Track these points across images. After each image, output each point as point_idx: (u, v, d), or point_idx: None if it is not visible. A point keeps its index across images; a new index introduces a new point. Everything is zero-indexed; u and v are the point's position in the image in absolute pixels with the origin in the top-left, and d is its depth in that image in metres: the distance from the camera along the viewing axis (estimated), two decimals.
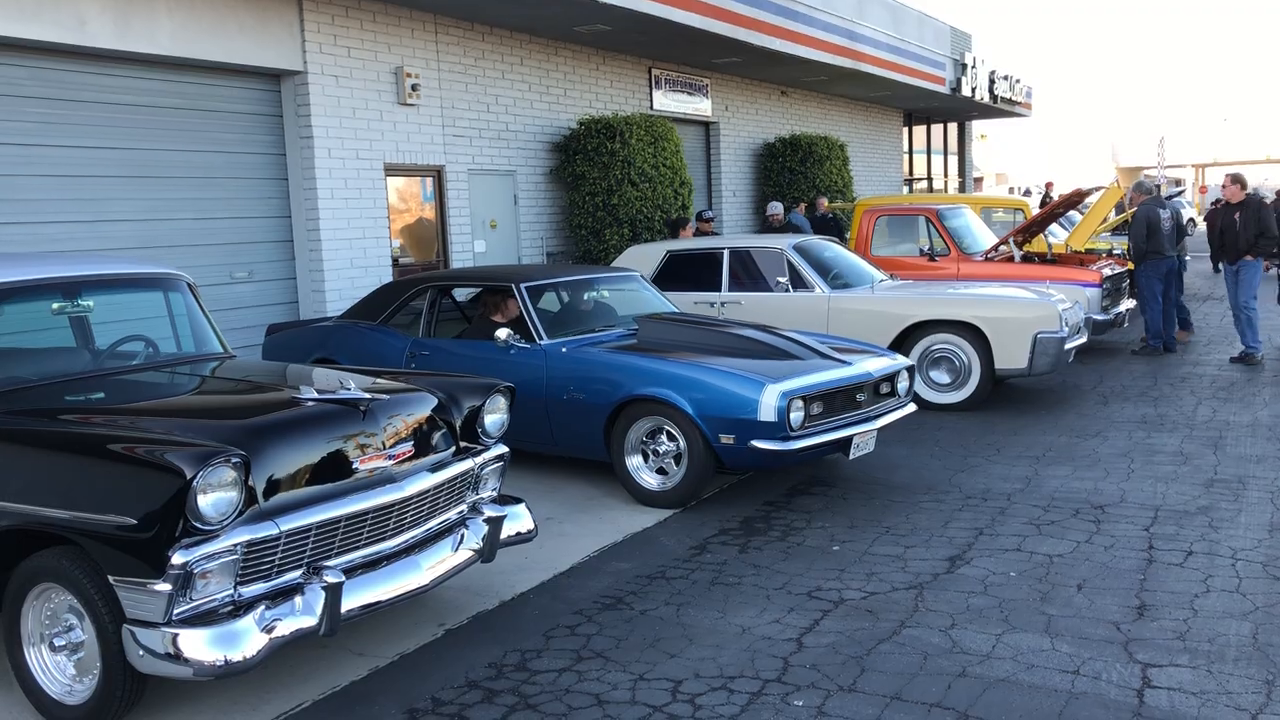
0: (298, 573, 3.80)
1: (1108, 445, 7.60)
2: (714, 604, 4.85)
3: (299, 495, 3.82)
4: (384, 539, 4.12)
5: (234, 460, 3.53)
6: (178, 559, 3.44)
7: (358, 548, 4.03)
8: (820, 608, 4.76)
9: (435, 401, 4.53)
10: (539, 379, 6.82)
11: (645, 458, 6.50)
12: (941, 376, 9.03)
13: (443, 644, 4.50)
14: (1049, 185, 29.16)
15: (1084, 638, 4.32)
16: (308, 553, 3.83)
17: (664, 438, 6.41)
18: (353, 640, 4.49)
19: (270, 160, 10.96)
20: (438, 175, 12.60)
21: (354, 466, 3.99)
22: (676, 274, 10.03)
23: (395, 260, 12.08)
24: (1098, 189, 13.71)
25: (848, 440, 6.34)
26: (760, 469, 6.81)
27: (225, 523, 3.54)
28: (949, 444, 7.82)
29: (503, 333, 6.90)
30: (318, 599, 3.74)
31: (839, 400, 6.42)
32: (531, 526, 4.83)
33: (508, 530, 4.64)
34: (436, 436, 4.46)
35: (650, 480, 6.48)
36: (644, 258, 10.28)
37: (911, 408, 7.11)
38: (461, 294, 8.79)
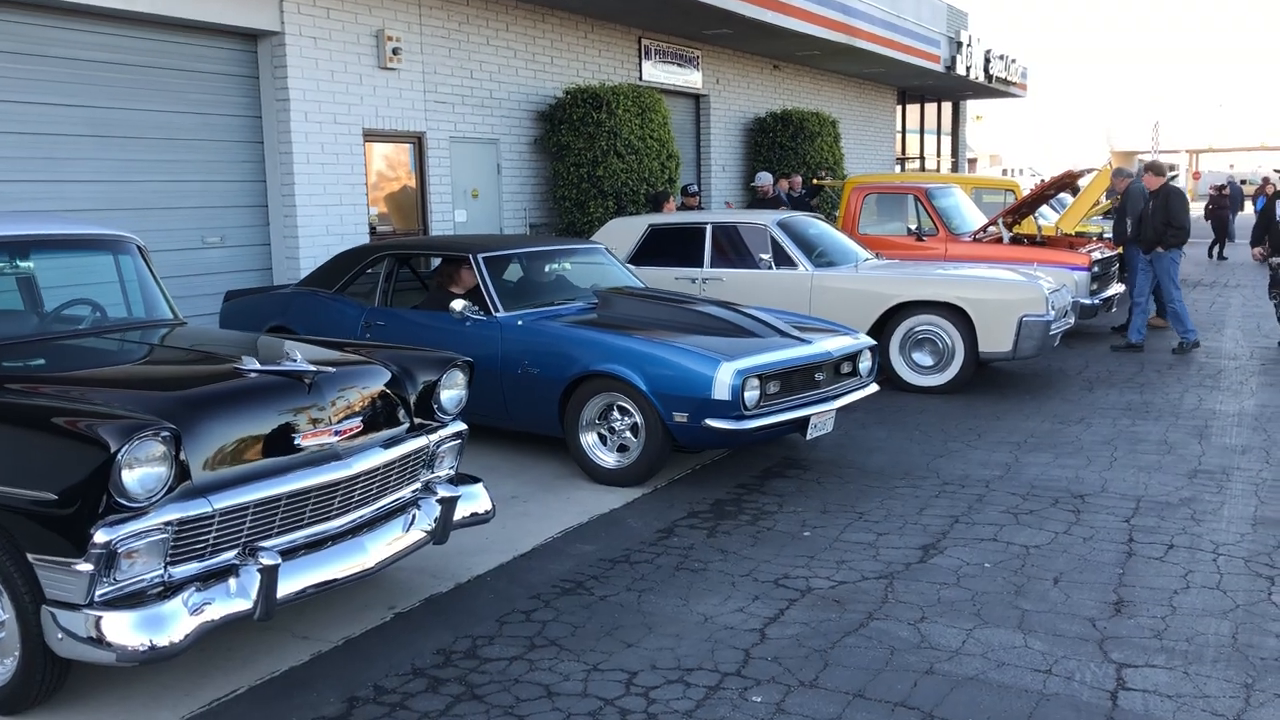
0: (234, 553, 3.60)
1: (1091, 432, 7.43)
2: (677, 590, 4.67)
3: (236, 472, 3.62)
4: (328, 519, 3.93)
5: (163, 434, 3.33)
6: (100, 537, 3.24)
7: (300, 527, 3.83)
8: (786, 596, 4.59)
9: (388, 375, 4.33)
10: (494, 352, 6.66)
11: (601, 436, 6.34)
12: (924, 358, 8.85)
13: (391, 628, 4.31)
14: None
15: (1058, 634, 4.16)
16: (245, 532, 3.63)
17: (619, 415, 6.25)
18: (297, 623, 4.31)
19: (245, 123, 10.69)
20: (418, 142, 12.34)
21: (296, 442, 3.78)
22: (658, 249, 9.82)
23: (373, 228, 11.83)
24: (1089, 171, 13.51)
25: (805, 420, 6.22)
26: (715, 448, 6.65)
27: (153, 499, 3.35)
28: (929, 428, 7.65)
29: (458, 304, 6.72)
30: (253, 581, 3.55)
31: (797, 379, 6.29)
32: (489, 507, 4.64)
33: (462, 511, 4.45)
34: (389, 412, 4.26)
35: (605, 458, 6.34)
36: (625, 231, 10.07)
37: (873, 388, 6.98)
38: (426, 263, 8.60)
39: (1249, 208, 28.71)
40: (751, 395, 5.91)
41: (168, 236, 10.03)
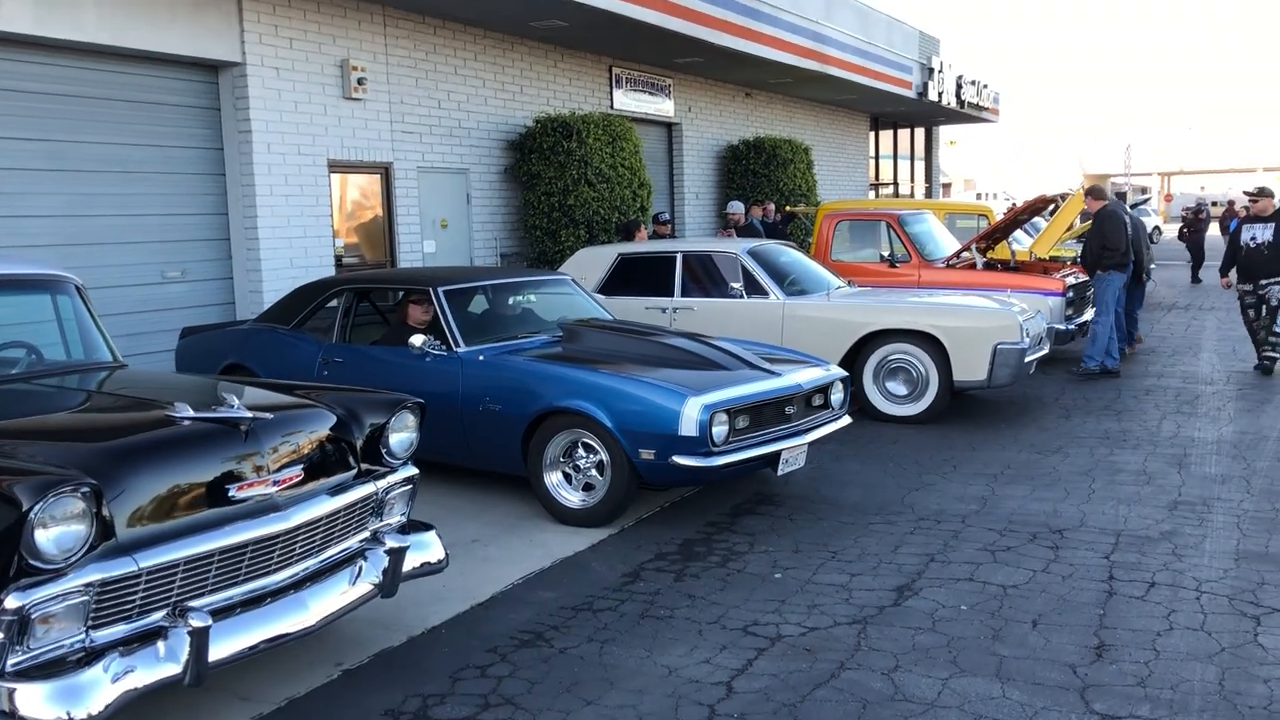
0: (162, 614, 3.38)
1: (1069, 463, 7.28)
2: (641, 640, 4.47)
3: (165, 527, 3.40)
4: (267, 574, 3.71)
5: (82, 489, 3.12)
6: (11, 602, 3.02)
7: (236, 584, 3.62)
8: (755, 645, 4.39)
9: (333, 419, 4.13)
10: (454, 389, 6.45)
11: (567, 475, 6.14)
12: (898, 388, 8.70)
13: (338, 686, 4.09)
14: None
15: (1037, 683, 3.97)
16: (175, 591, 3.41)
17: (584, 452, 6.04)
18: (238, 682, 4.07)
19: (206, 155, 10.49)
20: (385, 172, 12.16)
21: (231, 494, 3.57)
22: (628, 278, 9.66)
23: (339, 260, 11.62)
24: (1062, 195, 13.45)
25: (775, 455, 6.03)
26: (683, 486, 6.46)
27: (72, 560, 3.13)
28: (904, 460, 7.48)
29: (417, 339, 6.51)
30: (182, 644, 3.33)
31: (767, 413, 6.09)
32: (441, 556, 4.43)
33: (412, 561, 4.24)
34: (334, 458, 4.06)
35: (570, 498, 6.12)
36: (595, 261, 9.90)
37: (846, 420, 6.80)
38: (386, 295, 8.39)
39: (1213, 229, 28.70)
40: (720, 431, 5.72)
41: (127, 271, 9.81)
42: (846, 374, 6.89)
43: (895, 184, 28.56)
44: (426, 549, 4.37)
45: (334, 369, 7.04)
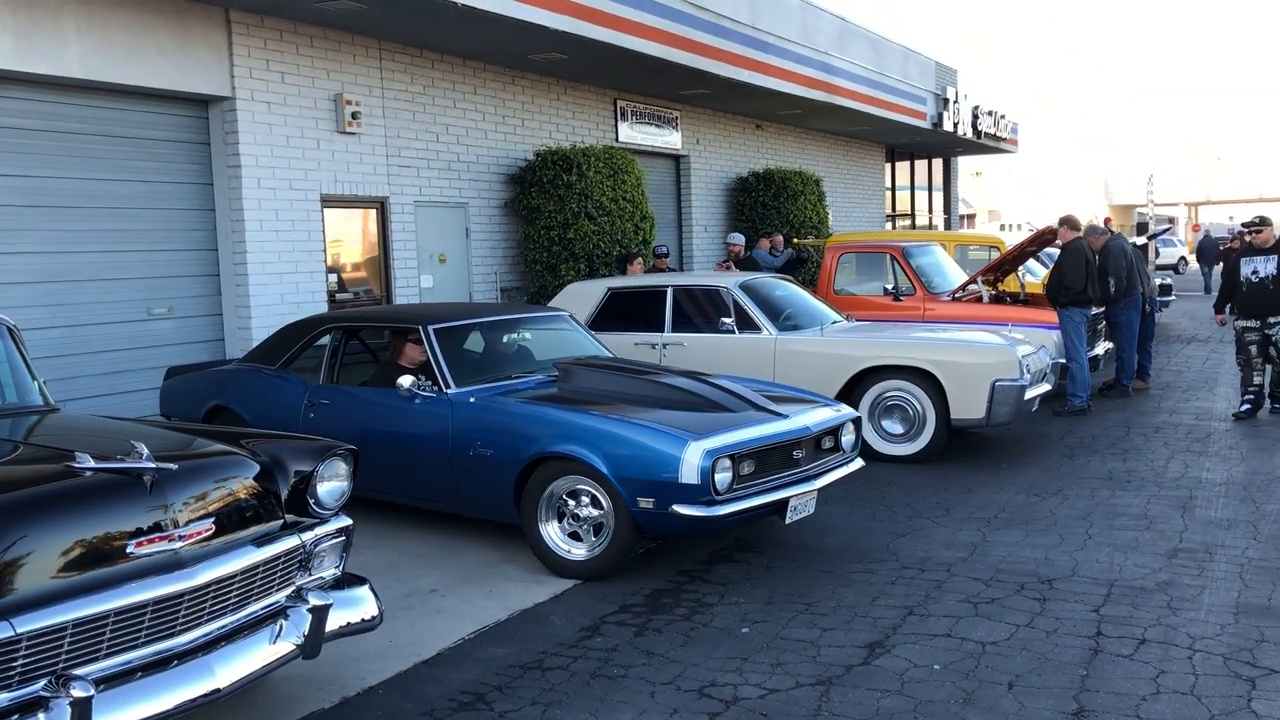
0: (44, 683, 3.14)
1: (1067, 506, 6.96)
2: (588, 703, 4.19)
3: (52, 587, 3.17)
4: (172, 635, 3.47)
5: None
6: None
7: (135, 647, 3.38)
8: (709, 709, 4.10)
9: (255, 468, 3.90)
10: (443, 431, 6.16)
11: (561, 518, 5.77)
12: (894, 426, 8.39)
13: None
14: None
15: None
16: (63, 657, 3.18)
17: (584, 499, 5.67)
18: None
19: (195, 190, 10.38)
20: (381, 207, 12.02)
21: (128, 550, 3.34)
22: (618, 313, 9.44)
23: (333, 296, 11.47)
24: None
25: (783, 503, 5.64)
26: (684, 536, 6.12)
27: None
28: (895, 502, 7.18)
29: (406, 380, 6.23)
30: (64, 717, 3.09)
31: (773, 458, 5.71)
32: (374, 614, 4.16)
33: (338, 620, 3.98)
34: (255, 509, 3.82)
35: (567, 549, 5.74)
36: (585, 295, 9.69)
37: (858, 464, 6.45)
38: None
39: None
40: (723, 478, 5.35)
41: (112, 308, 9.68)
42: (857, 414, 6.55)
43: (913, 215, 28.28)
44: (358, 605, 4.11)
45: (320, 411, 6.79)
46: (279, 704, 4.20)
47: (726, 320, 8.84)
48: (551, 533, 5.79)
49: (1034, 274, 13.81)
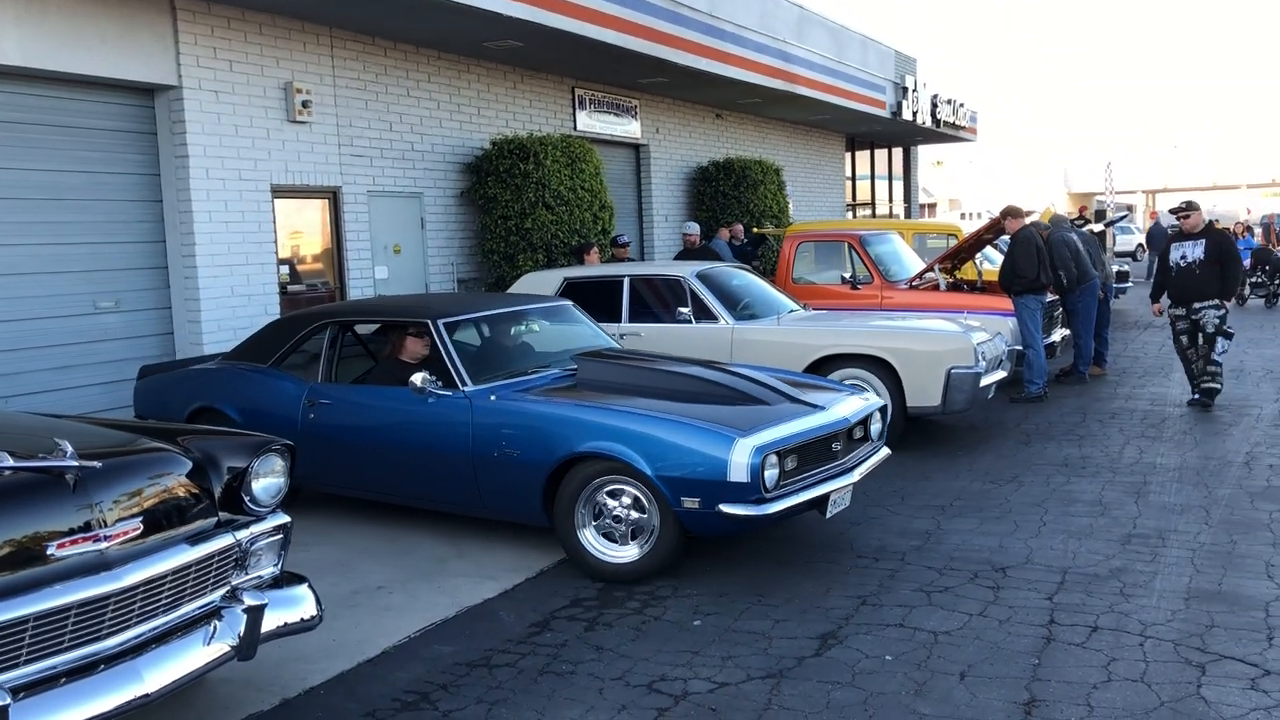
0: None
1: (1022, 493, 6.95)
2: (535, 701, 4.11)
3: None
4: (98, 639, 3.35)
5: None
6: None
7: (59, 652, 3.26)
8: (657, 705, 4.04)
9: (187, 465, 3.78)
10: (463, 432, 5.84)
11: (599, 519, 5.50)
12: None
13: None
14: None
15: None
16: None
17: (624, 500, 5.43)
18: None
19: (142, 180, 10.16)
20: (333, 197, 11.84)
21: (49, 552, 3.22)
22: (575, 303, 9.31)
23: (284, 288, 11.29)
24: (1029, 214, 13.17)
25: (824, 498, 5.44)
26: (730, 536, 5.87)
27: None
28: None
29: (418, 378, 5.86)
30: None
31: (814, 452, 5.51)
32: (313, 613, 4.05)
33: (275, 620, 3.87)
34: (187, 508, 3.71)
35: (608, 552, 5.47)
36: (540, 285, 9.58)
37: (886, 452, 6.27)
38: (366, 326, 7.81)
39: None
40: (771, 475, 5.16)
41: (57, 302, 9.46)
42: (885, 402, 6.44)
43: (873, 204, 28.34)
44: (295, 605, 4.00)
45: (322, 411, 6.45)
46: (216, 706, 4.09)
47: (684, 310, 8.77)
48: (589, 536, 5.52)
49: (991, 261, 13.86)
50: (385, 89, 12.39)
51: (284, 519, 4.04)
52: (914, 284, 11.22)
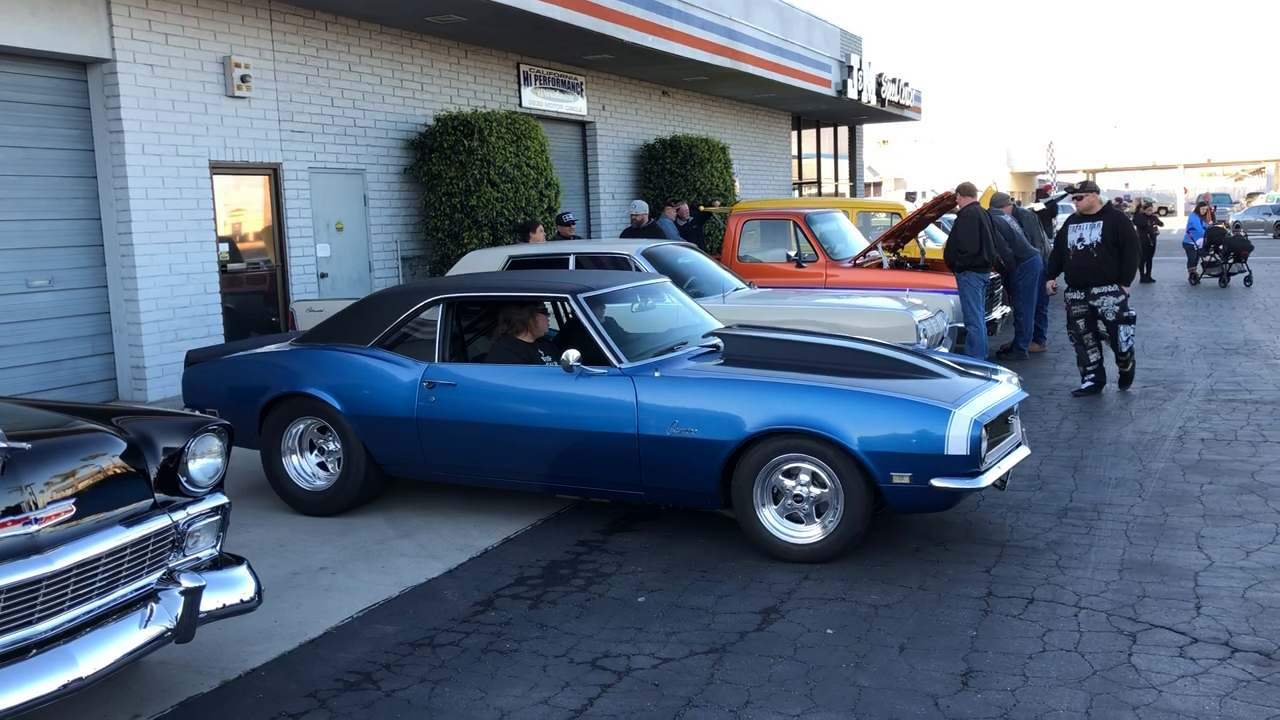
0: None
1: None
2: (479, 679, 4.11)
3: None
4: (29, 624, 3.29)
5: None
6: None
7: None
8: (601, 681, 4.05)
9: (122, 445, 3.71)
10: (626, 411, 5.49)
11: (777, 499, 5.31)
12: None
13: None
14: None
15: (894, 718, 3.68)
16: None
17: (800, 476, 5.23)
18: None
19: (75, 156, 9.94)
20: (274, 173, 11.67)
21: None
22: None
23: (224, 266, 11.12)
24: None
25: (1007, 473, 5.37)
26: (932, 511, 5.61)
27: None
28: None
29: (572, 354, 5.56)
30: None
31: (999, 424, 5.43)
32: (252, 594, 4.01)
33: (213, 602, 3.82)
34: (122, 489, 3.64)
35: (790, 533, 5.27)
36: (485, 264, 9.52)
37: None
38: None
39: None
40: (985, 448, 5.07)
41: None
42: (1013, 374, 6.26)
43: (819, 183, 28.49)
44: (233, 587, 3.95)
45: (444, 394, 5.95)
46: (154, 689, 4.04)
47: None
48: (769, 516, 5.31)
49: (934, 240, 14.01)
50: (326, 64, 12.21)
51: (222, 500, 3.99)
52: (858, 262, 11.30)
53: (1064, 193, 31.69)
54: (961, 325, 10.21)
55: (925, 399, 5.16)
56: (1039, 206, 17.61)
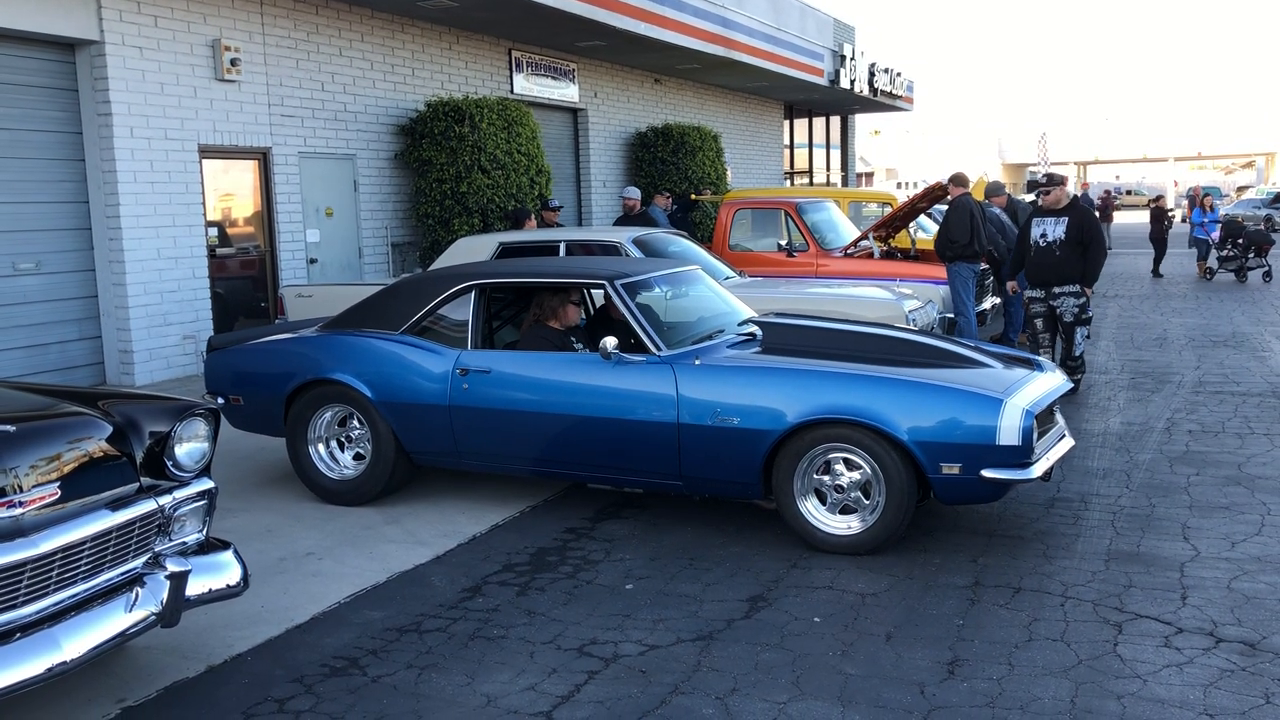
0: None
1: None
2: (466, 665, 4.10)
3: None
4: (12, 607, 3.28)
5: None
6: None
7: None
8: (588, 668, 4.05)
9: (107, 429, 3.69)
10: (666, 399, 5.40)
11: (818, 489, 5.26)
12: None
13: None
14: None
15: (880, 706, 3.69)
16: None
17: (838, 466, 5.17)
18: None
19: (63, 139, 9.89)
20: (264, 158, 11.62)
21: None
22: None
23: (212, 251, 11.07)
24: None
25: (1052, 465, 5.27)
26: (979, 504, 5.64)
27: None
28: None
29: (610, 341, 5.47)
30: None
31: (1045, 416, 5.38)
32: (238, 579, 4.00)
33: (199, 586, 3.81)
34: (107, 473, 3.63)
35: (831, 523, 5.23)
36: (476, 250, 9.49)
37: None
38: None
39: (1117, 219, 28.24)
40: (1036, 438, 5.03)
41: None
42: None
43: (810, 172, 28.48)
44: (219, 571, 3.94)
45: (478, 381, 5.84)
46: (140, 674, 4.03)
47: None
48: (810, 508, 5.26)
49: (925, 230, 14.02)
50: (317, 48, 12.15)
51: (209, 484, 3.97)
52: (849, 252, 11.30)
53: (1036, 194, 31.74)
54: (951, 315, 10.21)
55: (976, 388, 5.09)
56: (1031, 198, 17.62)
